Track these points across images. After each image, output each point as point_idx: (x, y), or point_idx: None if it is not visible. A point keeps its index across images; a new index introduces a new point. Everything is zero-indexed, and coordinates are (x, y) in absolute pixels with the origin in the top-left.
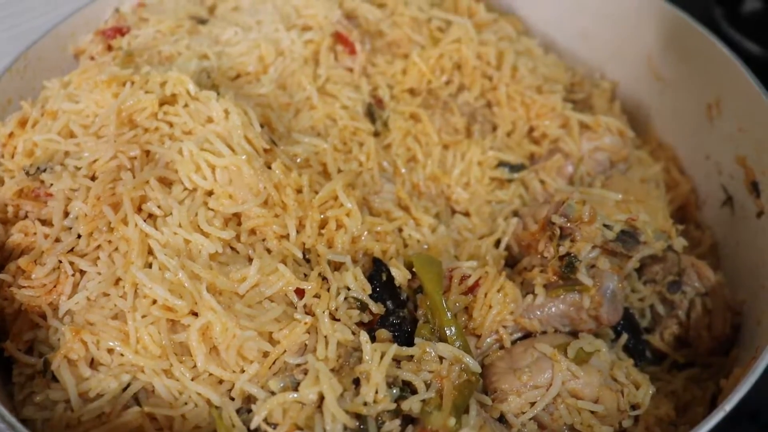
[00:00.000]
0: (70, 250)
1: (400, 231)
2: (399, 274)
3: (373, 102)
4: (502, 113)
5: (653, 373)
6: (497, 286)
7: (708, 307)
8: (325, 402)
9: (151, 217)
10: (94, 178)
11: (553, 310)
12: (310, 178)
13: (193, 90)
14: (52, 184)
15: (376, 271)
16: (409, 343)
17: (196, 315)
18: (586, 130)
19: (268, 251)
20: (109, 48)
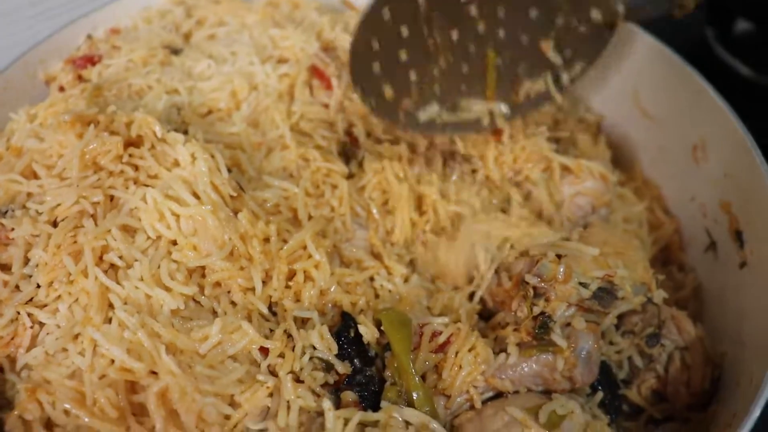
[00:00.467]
0: (29, 300)
1: (372, 280)
2: (367, 332)
3: (348, 141)
4: (486, 164)
5: (630, 429)
6: (469, 344)
7: (687, 362)
8: None
9: (112, 268)
10: (55, 224)
11: (525, 370)
12: (278, 227)
13: (160, 132)
14: (13, 229)
15: (344, 326)
16: (376, 403)
17: (155, 374)
18: (568, 174)
19: (233, 304)
20: (80, 78)
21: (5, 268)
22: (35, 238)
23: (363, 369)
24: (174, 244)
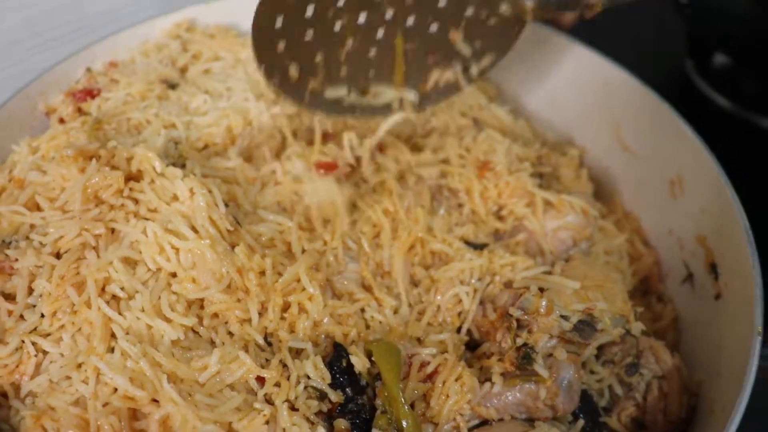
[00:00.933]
0: (34, 329)
1: (363, 311)
2: (359, 362)
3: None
4: (472, 199)
5: None
6: (455, 374)
7: (664, 390)
8: None
9: (114, 299)
10: (59, 255)
11: (509, 398)
12: (273, 260)
13: (159, 167)
14: (17, 259)
15: (337, 357)
16: (367, 430)
17: (157, 402)
18: (550, 209)
19: (231, 335)
20: (80, 110)
21: (9, 298)
22: (39, 269)
23: (354, 398)
24: (173, 276)
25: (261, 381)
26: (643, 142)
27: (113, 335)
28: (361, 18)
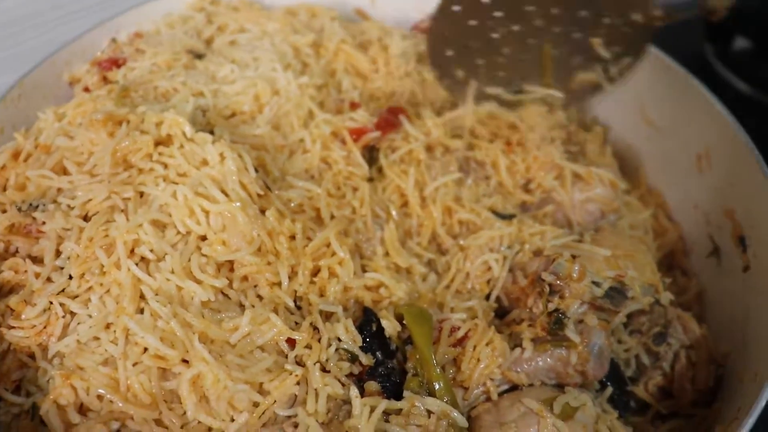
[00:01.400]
0: (61, 291)
1: None
2: (389, 326)
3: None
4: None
5: (637, 424)
6: (486, 339)
7: (692, 360)
8: None
9: (143, 261)
10: (87, 218)
11: (540, 364)
12: (303, 225)
13: (189, 132)
14: (44, 222)
15: (367, 321)
16: (397, 394)
17: (187, 362)
18: (579, 181)
19: (260, 298)
20: (105, 80)
21: (36, 260)
22: (66, 232)
23: (384, 361)
24: (203, 239)
25: (291, 343)
26: (669, 118)
27: (142, 296)
28: (515, 29)
